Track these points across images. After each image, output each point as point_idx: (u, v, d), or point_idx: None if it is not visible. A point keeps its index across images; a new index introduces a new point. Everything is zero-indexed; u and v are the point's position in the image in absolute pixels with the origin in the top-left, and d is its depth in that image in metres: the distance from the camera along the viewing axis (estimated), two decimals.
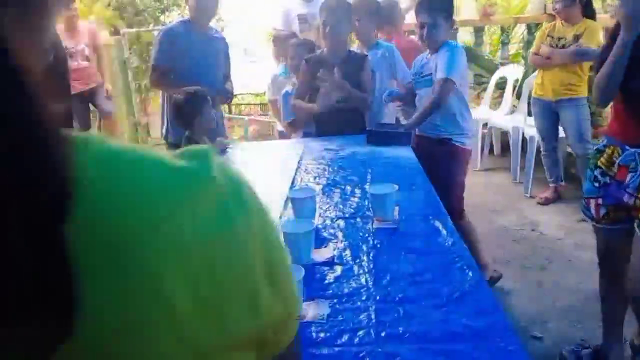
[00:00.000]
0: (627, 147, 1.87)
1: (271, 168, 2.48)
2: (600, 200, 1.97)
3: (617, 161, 1.91)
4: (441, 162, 2.70)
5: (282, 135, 3.77)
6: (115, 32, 6.35)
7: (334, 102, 2.88)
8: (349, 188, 2.10)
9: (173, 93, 2.98)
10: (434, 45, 2.69)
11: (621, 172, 1.89)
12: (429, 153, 2.73)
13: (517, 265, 3.11)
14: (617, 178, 1.91)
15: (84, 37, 5.11)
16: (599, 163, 1.98)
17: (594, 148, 2.09)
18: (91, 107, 5.44)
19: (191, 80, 2.90)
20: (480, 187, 4.45)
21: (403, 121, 3.26)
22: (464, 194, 2.82)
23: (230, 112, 9.60)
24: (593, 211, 2.02)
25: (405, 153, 2.53)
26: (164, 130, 3.18)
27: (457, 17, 3.04)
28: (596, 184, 1.99)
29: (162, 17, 9.06)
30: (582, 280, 2.85)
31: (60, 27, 5.15)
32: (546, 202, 3.90)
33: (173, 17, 9.57)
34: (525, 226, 3.62)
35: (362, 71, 2.95)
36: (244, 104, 10.53)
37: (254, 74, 9.23)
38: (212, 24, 3.45)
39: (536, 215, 3.76)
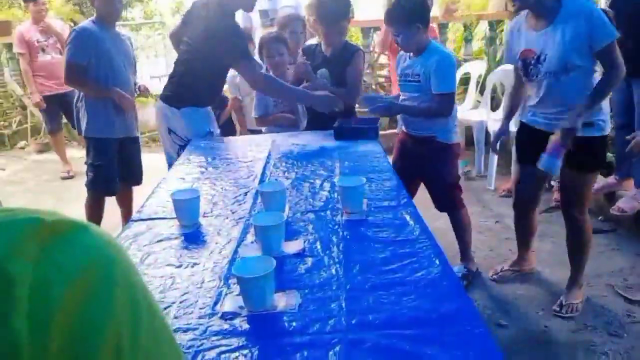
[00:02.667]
0: None
1: (240, 163, 2.48)
2: None
3: None
4: (429, 161, 2.76)
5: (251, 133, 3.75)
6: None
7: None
8: (318, 182, 2.12)
9: (89, 92, 3.15)
10: (412, 49, 2.68)
11: None
12: (415, 151, 2.79)
13: (482, 256, 3.19)
14: None
15: (54, 32, 4.94)
16: None
17: None
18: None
19: (105, 76, 3.09)
20: None
21: None
22: (457, 188, 2.88)
23: None
24: None
25: (372, 147, 2.57)
26: (84, 126, 3.19)
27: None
28: None
29: (124, 13, 8.90)
30: (543, 269, 2.95)
31: (28, 21, 4.99)
32: (509, 194, 4.00)
33: (135, 13, 9.42)
34: (489, 218, 3.72)
35: (347, 65, 2.93)
36: None
37: None
38: (177, 19, 3.52)
39: (500, 208, 3.86)
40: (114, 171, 3.27)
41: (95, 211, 3.32)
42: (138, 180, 3.48)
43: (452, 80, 2.66)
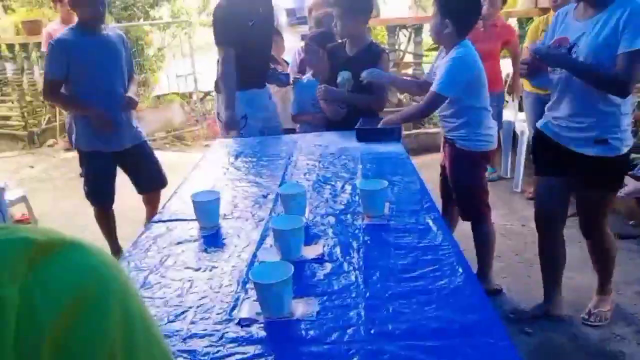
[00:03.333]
0: None
1: (262, 164, 2.47)
2: None
3: None
4: (450, 163, 2.68)
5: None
6: None
7: (340, 115, 2.96)
8: (339, 184, 2.09)
9: (67, 109, 3.01)
10: (439, 41, 2.64)
11: None
12: (446, 152, 2.73)
13: (507, 260, 3.13)
14: None
15: None
16: None
17: None
18: None
19: (86, 89, 2.87)
20: None
21: None
22: (478, 198, 2.69)
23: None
24: None
25: (395, 148, 2.52)
26: (74, 139, 3.06)
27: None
28: None
29: (151, 12, 8.99)
30: (572, 275, 2.85)
31: (57, 21, 5.07)
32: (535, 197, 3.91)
33: (163, 12, 9.51)
34: (515, 221, 3.64)
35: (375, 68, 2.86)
36: None
37: None
38: (204, 18, 3.51)
39: (526, 211, 3.77)
40: (107, 184, 3.09)
41: (103, 221, 3.19)
42: (155, 186, 3.22)
43: (447, 82, 2.43)
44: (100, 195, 3.12)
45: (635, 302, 2.64)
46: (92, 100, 2.88)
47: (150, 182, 3.20)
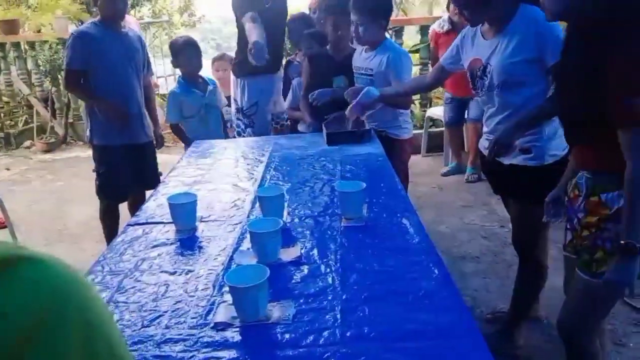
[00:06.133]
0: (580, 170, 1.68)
1: (241, 165, 2.45)
2: (568, 224, 1.75)
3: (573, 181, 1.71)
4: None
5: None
6: None
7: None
8: (318, 186, 2.09)
9: (85, 100, 3.11)
10: (368, 43, 2.72)
11: (574, 193, 1.70)
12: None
13: (487, 261, 3.15)
14: (571, 198, 1.72)
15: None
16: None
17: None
18: None
19: (106, 82, 2.95)
20: (451, 184, 4.51)
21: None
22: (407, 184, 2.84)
23: None
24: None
25: (374, 150, 2.53)
26: (88, 133, 3.11)
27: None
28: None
29: (132, 12, 8.90)
30: (549, 276, 2.89)
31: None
32: None
33: (143, 12, 9.42)
34: (494, 222, 3.67)
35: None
36: None
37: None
38: (185, 18, 3.50)
39: (505, 212, 3.79)
40: (121, 178, 3.09)
41: (109, 219, 3.18)
42: (151, 185, 3.08)
43: (409, 75, 2.72)
44: (112, 188, 3.12)
45: None
46: (110, 93, 2.97)
47: (148, 180, 3.15)
